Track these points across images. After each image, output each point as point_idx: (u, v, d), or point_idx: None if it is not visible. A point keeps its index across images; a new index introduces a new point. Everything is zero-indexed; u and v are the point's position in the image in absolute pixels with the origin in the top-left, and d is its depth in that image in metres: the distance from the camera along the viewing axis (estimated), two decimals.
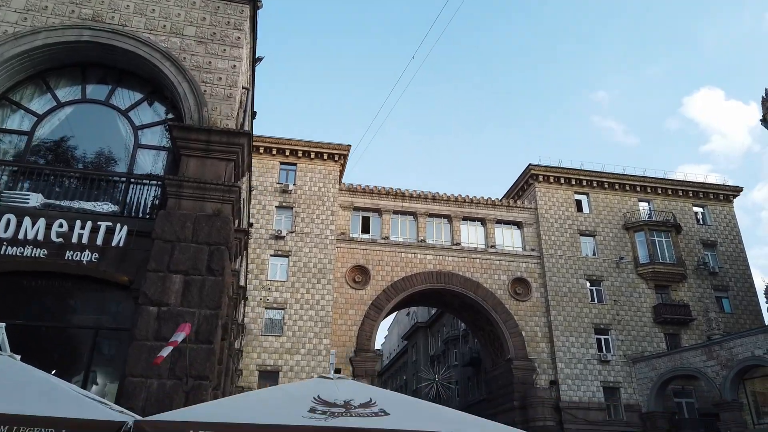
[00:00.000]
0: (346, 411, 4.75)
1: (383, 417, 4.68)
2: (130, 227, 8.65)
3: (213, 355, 7.82)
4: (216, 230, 8.55)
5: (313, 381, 5.66)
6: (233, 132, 9.27)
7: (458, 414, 5.16)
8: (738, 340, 30.47)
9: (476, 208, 39.51)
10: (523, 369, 34.81)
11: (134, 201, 9.34)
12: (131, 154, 9.73)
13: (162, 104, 10.24)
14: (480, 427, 4.68)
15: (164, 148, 9.85)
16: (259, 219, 35.98)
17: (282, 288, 34.32)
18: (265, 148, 37.84)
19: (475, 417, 5.08)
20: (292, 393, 5.21)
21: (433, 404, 5.40)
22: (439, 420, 4.81)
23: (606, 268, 38.50)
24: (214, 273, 8.28)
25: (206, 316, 8.00)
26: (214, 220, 8.61)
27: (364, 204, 38.43)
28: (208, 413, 4.43)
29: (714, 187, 42.67)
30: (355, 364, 33.27)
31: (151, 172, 9.71)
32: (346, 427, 4.33)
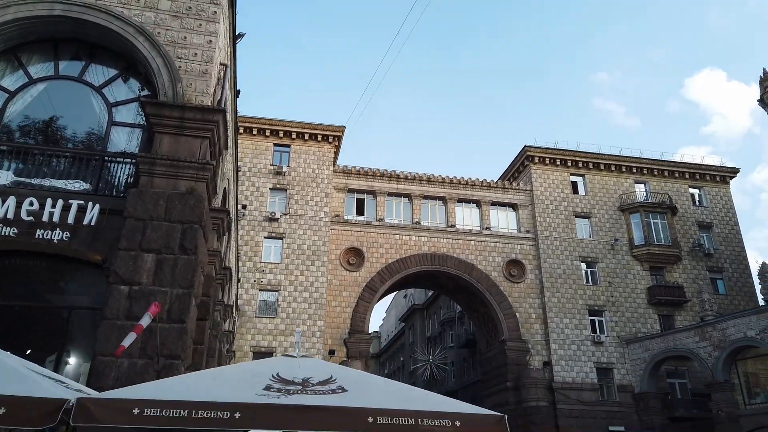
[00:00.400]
0: (303, 389, 4.65)
1: (340, 394, 4.58)
2: (102, 206, 8.50)
3: (185, 334, 7.72)
4: (189, 208, 8.40)
5: (275, 359, 5.57)
6: (208, 109, 9.07)
7: (419, 392, 5.07)
8: (731, 321, 30.53)
9: (471, 190, 39.33)
10: (517, 350, 34.96)
11: (108, 179, 9.18)
12: (105, 132, 9.54)
13: (137, 81, 10.01)
14: (438, 404, 4.58)
15: (139, 125, 9.65)
16: (253, 201, 35.85)
17: (276, 270, 34.30)
18: (259, 129, 37.56)
19: (436, 395, 5.00)
20: (251, 371, 5.11)
21: (395, 382, 5.32)
22: (398, 397, 4.72)
23: (601, 249, 38.46)
24: (186, 252, 8.15)
25: (179, 295, 7.89)
26: (188, 198, 8.46)
27: (359, 186, 38.23)
28: (158, 391, 4.33)
29: (710, 168, 42.45)
30: (349, 346, 33.39)
31: (125, 150, 9.52)
32: (299, 404, 4.23)
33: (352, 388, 4.77)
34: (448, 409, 4.48)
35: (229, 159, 15.21)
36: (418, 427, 4.29)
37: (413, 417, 4.31)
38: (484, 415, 4.50)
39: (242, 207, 35.43)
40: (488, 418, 4.49)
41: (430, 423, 4.31)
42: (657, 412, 33.49)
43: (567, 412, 33.60)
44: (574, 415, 33.56)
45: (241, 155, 36.79)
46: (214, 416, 4.03)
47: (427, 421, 4.32)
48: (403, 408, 4.37)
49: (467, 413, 4.47)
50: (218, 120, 9.08)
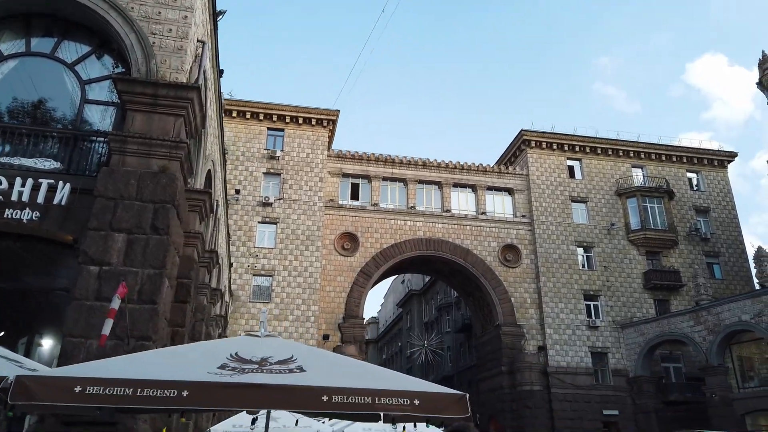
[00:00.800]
0: (259, 367, 4.50)
1: (296, 374, 4.43)
2: (73, 185, 8.30)
3: (157, 315, 7.57)
4: (161, 188, 8.21)
5: (237, 338, 5.42)
6: (182, 86, 8.83)
7: (382, 371, 4.92)
8: (725, 305, 30.47)
9: (467, 175, 39.08)
10: (512, 334, 34.97)
11: (80, 158, 8.96)
12: (78, 110, 9.31)
13: (111, 57, 9.76)
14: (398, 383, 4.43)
15: (113, 103, 9.41)
16: (246, 186, 35.63)
17: (270, 255, 34.19)
18: (252, 113, 37.22)
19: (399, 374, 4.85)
20: (209, 350, 4.97)
21: (361, 362, 5.17)
22: (359, 376, 4.57)
23: (597, 234, 38.31)
24: (158, 232, 7.98)
25: (150, 275, 7.73)
26: (160, 178, 8.26)
27: (354, 170, 37.98)
28: (104, 369, 4.18)
29: (708, 152, 42.16)
30: (343, 330, 33.38)
31: (99, 129, 9.30)
32: (250, 382, 4.08)
33: (311, 367, 4.62)
34: (407, 387, 4.33)
35: (214, 141, 14.98)
36: (375, 405, 4.14)
37: (370, 395, 4.16)
38: (444, 394, 4.36)
39: (235, 192, 35.24)
40: (448, 396, 4.34)
41: (387, 401, 4.17)
42: (651, 396, 33.59)
43: (561, 396, 33.70)
44: (568, 399, 33.66)
45: (234, 139, 36.52)
46: (161, 395, 3.88)
47: (385, 400, 4.17)
48: (361, 387, 4.22)
49: (426, 392, 4.32)
50: (192, 97, 8.85)
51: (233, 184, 35.48)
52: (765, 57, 35.27)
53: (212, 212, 13.42)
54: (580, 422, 33.01)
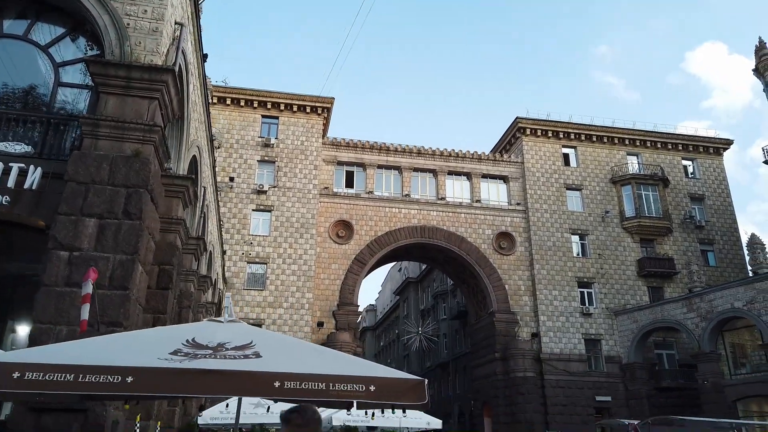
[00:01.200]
0: (213, 353, 4.40)
1: (251, 359, 4.34)
2: (45, 169, 8.18)
3: (128, 301, 7.48)
4: (134, 172, 8.08)
5: (198, 324, 5.33)
6: (156, 68, 8.67)
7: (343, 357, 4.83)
8: (718, 292, 30.49)
9: (462, 162, 38.91)
10: (505, 321, 35.02)
11: (53, 142, 8.82)
12: (51, 93, 9.15)
13: (86, 40, 9.57)
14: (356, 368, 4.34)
15: (87, 86, 9.24)
16: (241, 173, 35.47)
17: (264, 243, 34.12)
18: (246, 100, 36.96)
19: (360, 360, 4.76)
20: (166, 335, 4.87)
21: (320, 348, 5.07)
22: (317, 362, 4.48)
23: (591, 222, 38.25)
24: (131, 217, 7.86)
25: (122, 261, 7.63)
26: (133, 162, 8.13)
27: (348, 158, 37.81)
28: (48, 354, 4.08)
29: (704, 139, 41.96)
30: (338, 318, 33.41)
31: (73, 112, 9.14)
32: (198, 368, 3.98)
33: (268, 353, 4.52)
34: (364, 373, 4.24)
35: (200, 127, 14.81)
36: (329, 391, 4.05)
37: (324, 381, 4.07)
38: (401, 379, 4.27)
39: (230, 179, 35.10)
40: (406, 382, 4.25)
41: (342, 387, 4.08)
42: (644, 383, 33.73)
43: (554, 382, 33.84)
44: (561, 386, 33.81)
45: (228, 127, 36.31)
46: (104, 381, 3.78)
47: (340, 386, 4.08)
48: (315, 372, 4.13)
49: (383, 377, 4.23)
50: (167, 80, 8.69)
51: (227, 171, 35.33)
52: (762, 44, 34.99)
53: (196, 199, 13.28)
54: (572, 408, 33.19)
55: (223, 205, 34.23)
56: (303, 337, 32.34)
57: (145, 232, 8.06)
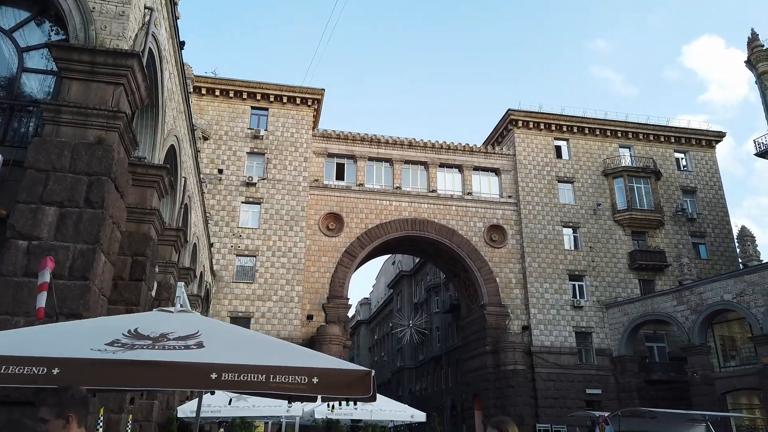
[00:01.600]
0: (153, 344, 4.21)
1: (191, 350, 4.15)
2: (6, 157, 7.94)
3: (88, 292, 7.27)
4: (97, 159, 7.84)
5: (146, 314, 5.14)
6: (120, 53, 8.41)
7: (291, 348, 4.64)
8: (708, 285, 30.46)
9: (454, 155, 38.70)
10: (496, 314, 34.94)
11: (16, 129, 8.58)
12: (15, 78, 8.89)
13: (51, 24, 9.30)
14: (300, 359, 4.15)
15: (52, 72, 8.98)
16: (230, 165, 35.18)
17: (253, 235, 33.89)
18: (235, 91, 36.60)
19: (307, 350, 4.58)
20: (107, 325, 4.67)
21: (270, 339, 4.89)
22: (259, 353, 4.29)
23: (583, 214, 38.14)
24: (92, 205, 7.64)
25: (82, 250, 7.41)
26: (95, 149, 7.90)
27: (339, 150, 37.54)
28: None
29: (696, 132, 41.85)
30: (327, 311, 33.25)
31: (37, 98, 8.88)
32: (130, 359, 3.80)
33: (213, 343, 4.34)
34: (308, 364, 4.05)
35: (178, 116, 14.55)
36: (269, 384, 3.87)
37: (264, 373, 3.89)
38: (347, 371, 4.09)
39: (218, 171, 34.82)
40: (352, 373, 4.07)
41: (283, 380, 3.90)
42: (634, 375, 33.74)
43: (545, 375, 33.81)
44: (551, 379, 33.79)
45: (217, 119, 35.98)
46: (28, 372, 3.59)
47: (281, 378, 3.90)
48: (255, 364, 3.94)
49: (328, 368, 4.05)
50: (132, 65, 8.43)
51: (216, 164, 35.05)
52: (754, 35, 34.83)
53: (172, 188, 13.04)
54: (563, 401, 33.17)
55: (212, 197, 33.98)
56: (292, 330, 32.24)
57: (107, 221, 7.84)
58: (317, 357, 4.34)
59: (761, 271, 27.81)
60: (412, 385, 59.81)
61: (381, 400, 16.54)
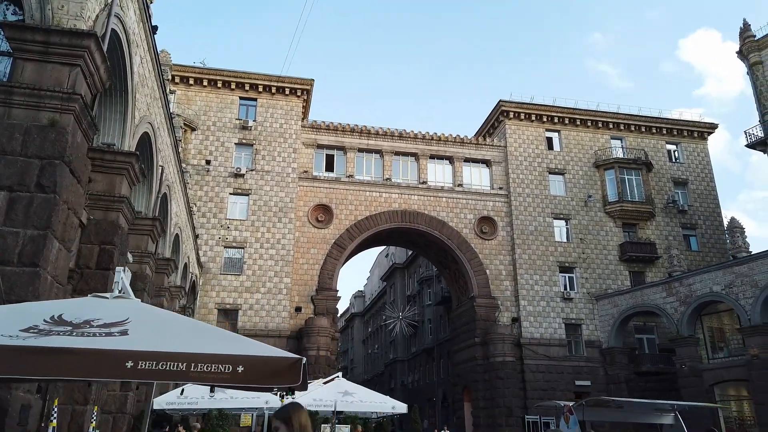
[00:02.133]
0: (72, 331, 3.97)
1: (112, 338, 3.91)
2: None
3: (38, 279, 7.02)
4: (50, 142, 7.57)
5: (77, 300, 4.89)
6: (76, 32, 8.10)
7: (222, 334, 4.41)
8: (697, 276, 30.37)
9: (444, 146, 38.42)
10: (486, 306, 34.83)
11: None
12: None
13: (8, 3, 8.97)
14: (228, 347, 3.92)
15: (9, 53, 8.67)
16: (218, 156, 34.83)
17: (242, 227, 33.60)
18: (224, 82, 36.19)
19: (243, 338, 4.34)
20: (30, 311, 4.43)
21: (202, 325, 4.65)
22: (185, 340, 4.05)
23: (574, 206, 37.97)
24: (44, 190, 7.37)
25: (33, 236, 7.15)
26: (48, 132, 7.62)
27: (328, 141, 37.22)
28: None
29: (688, 123, 41.67)
30: (316, 303, 33.05)
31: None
32: (39, 346, 3.56)
33: (139, 331, 4.10)
34: (234, 351, 3.82)
35: (153, 103, 14.23)
36: (189, 373, 3.64)
37: (185, 361, 3.66)
38: (275, 358, 3.85)
39: (206, 162, 34.47)
40: (280, 361, 3.84)
41: (205, 368, 3.67)
42: (623, 367, 33.71)
43: (534, 367, 33.76)
44: (541, 370, 33.74)
45: (205, 109, 35.59)
46: None
47: (202, 366, 3.67)
48: (175, 351, 3.71)
49: (254, 356, 3.82)
50: (89, 45, 8.13)
51: (204, 154, 34.70)
52: (746, 26, 34.57)
53: (144, 176, 12.76)
54: (552, 393, 33.07)
55: (200, 188, 33.66)
56: (281, 322, 32.05)
57: (61, 207, 7.57)
58: (248, 344, 4.11)
59: (750, 262, 27.71)
60: (405, 377, 59.83)
61: (362, 392, 16.37)
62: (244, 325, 31.56)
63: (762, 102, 33.31)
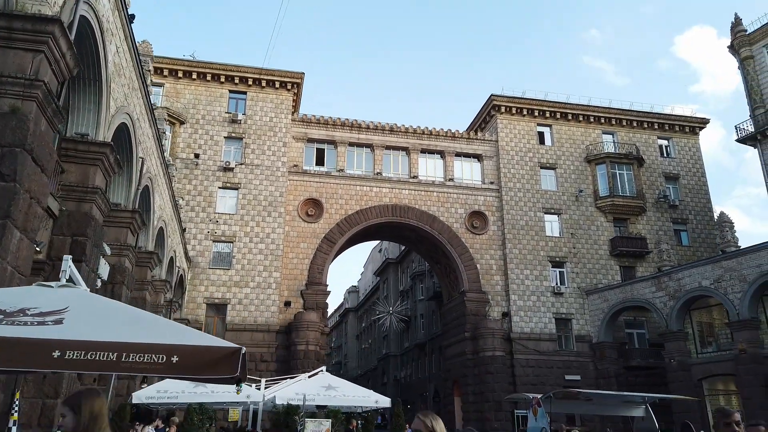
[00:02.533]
0: (4, 318, 3.82)
1: (44, 326, 3.77)
2: None
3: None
4: (10, 130, 7.39)
5: (19, 288, 4.74)
6: (40, 18, 7.90)
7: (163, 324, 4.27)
8: (686, 271, 30.38)
9: (436, 140, 38.26)
10: (476, 301, 34.76)
11: None
12: None
13: None
14: (165, 335, 3.77)
15: None
16: (207, 150, 34.56)
17: (231, 221, 33.38)
18: (213, 75, 35.88)
19: (184, 328, 4.19)
20: None
21: (144, 315, 4.50)
22: (122, 330, 3.90)
23: (565, 201, 37.91)
24: (4, 178, 7.20)
25: None
26: (9, 119, 7.43)
27: (319, 135, 36.99)
28: None
29: (680, 118, 41.62)
30: (306, 297, 32.91)
31: None
32: None
33: (75, 319, 3.95)
34: (169, 341, 3.67)
35: (131, 93, 14.01)
36: (120, 363, 3.50)
37: (116, 351, 3.52)
38: (211, 348, 3.71)
39: (195, 156, 34.21)
40: (217, 350, 3.70)
41: (137, 359, 3.53)
42: (613, 362, 33.74)
43: (524, 361, 33.75)
44: (530, 365, 33.73)
45: (194, 102, 35.30)
46: None
47: (134, 357, 3.53)
48: (106, 340, 3.56)
49: (189, 345, 3.68)
50: (53, 31, 7.93)
51: (193, 148, 34.43)
52: (738, 20, 34.49)
53: (120, 167, 12.56)
54: (542, 387, 32.93)
55: (188, 182, 33.42)
56: (270, 317, 31.90)
57: (22, 196, 7.39)
58: (187, 334, 3.96)
59: (739, 257, 27.73)
60: (397, 372, 59.85)
61: (345, 386, 16.29)
62: (232, 319, 31.42)
63: (753, 96, 33.28)
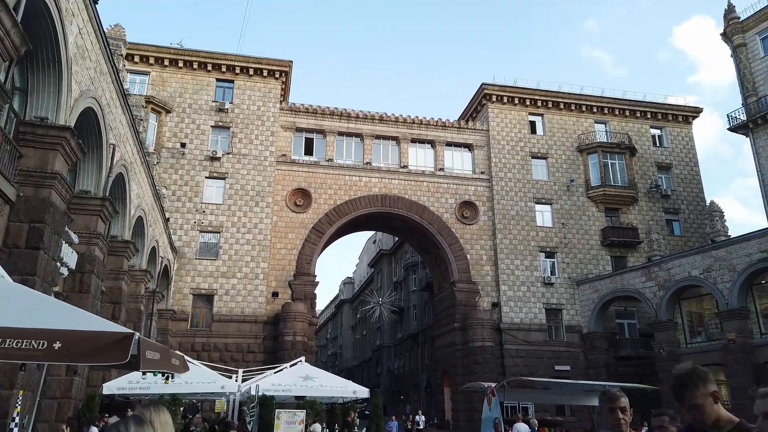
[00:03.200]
0: None
1: None
2: None
3: None
4: None
5: None
6: None
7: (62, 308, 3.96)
8: (676, 260, 30.17)
9: (426, 130, 37.87)
10: (466, 291, 34.55)
11: None
12: None
13: None
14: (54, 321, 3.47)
15: None
16: (193, 139, 34.14)
17: (218, 211, 33.05)
18: (200, 63, 35.39)
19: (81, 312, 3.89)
20: None
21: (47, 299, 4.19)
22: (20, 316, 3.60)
23: (556, 191, 37.61)
24: None
25: None
26: None
27: (308, 125, 36.57)
28: None
29: (673, 107, 41.26)
30: (294, 288, 32.66)
31: None
32: None
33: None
34: (54, 325, 3.38)
35: (99, 77, 13.62)
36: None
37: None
38: (98, 333, 3.41)
39: (181, 145, 33.80)
40: (105, 336, 3.40)
41: (14, 344, 3.23)
42: (603, 352, 33.61)
43: (513, 352, 33.60)
44: (520, 355, 33.59)
45: (180, 91, 34.83)
46: None
47: (11, 342, 3.22)
48: None
49: (73, 331, 3.38)
50: None
51: (179, 137, 34.00)
52: (731, 7, 34.05)
53: (83, 153, 12.21)
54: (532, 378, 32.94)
55: (174, 171, 33.05)
56: (257, 308, 31.65)
57: None
58: (75, 317, 3.66)
59: (728, 246, 27.51)
60: (391, 363, 59.80)
61: (323, 376, 16.05)
62: (219, 310, 31.18)
63: (745, 84, 32.92)
